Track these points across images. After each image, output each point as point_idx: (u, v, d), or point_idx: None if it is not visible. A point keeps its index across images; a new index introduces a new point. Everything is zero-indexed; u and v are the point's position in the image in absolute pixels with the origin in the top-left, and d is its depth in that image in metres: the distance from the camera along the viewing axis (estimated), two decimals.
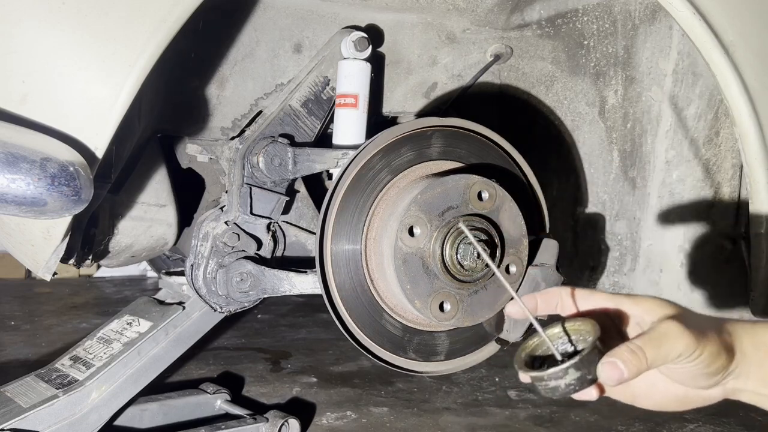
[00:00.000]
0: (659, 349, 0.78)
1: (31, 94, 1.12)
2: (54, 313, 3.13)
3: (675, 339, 0.78)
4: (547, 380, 0.80)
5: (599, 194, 1.74)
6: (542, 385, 0.80)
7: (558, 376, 0.79)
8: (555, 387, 0.79)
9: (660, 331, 0.79)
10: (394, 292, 1.42)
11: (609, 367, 0.77)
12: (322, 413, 1.90)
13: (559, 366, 0.79)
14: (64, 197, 1.07)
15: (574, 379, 0.78)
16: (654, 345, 0.78)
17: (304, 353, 2.53)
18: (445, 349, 1.52)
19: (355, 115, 1.58)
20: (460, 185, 1.38)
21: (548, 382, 0.80)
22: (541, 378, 0.80)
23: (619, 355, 0.77)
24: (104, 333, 1.63)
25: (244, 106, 1.64)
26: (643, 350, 0.77)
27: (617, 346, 0.78)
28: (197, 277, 1.51)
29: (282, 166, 1.52)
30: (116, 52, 1.14)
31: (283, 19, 1.63)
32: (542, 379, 0.80)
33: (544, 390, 0.80)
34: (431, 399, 2.05)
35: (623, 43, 1.63)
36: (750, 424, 1.89)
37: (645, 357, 0.77)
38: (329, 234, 1.41)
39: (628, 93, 1.64)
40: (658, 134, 1.58)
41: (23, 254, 1.38)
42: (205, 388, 1.80)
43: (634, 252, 1.64)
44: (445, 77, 1.83)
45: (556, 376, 0.79)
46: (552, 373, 0.79)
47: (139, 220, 1.84)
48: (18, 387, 1.53)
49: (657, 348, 0.78)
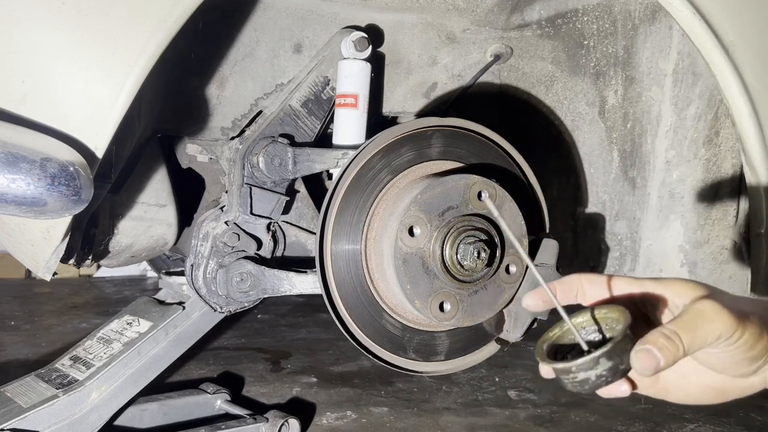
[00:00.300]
0: (696, 332, 0.71)
1: (31, 94, 1.12)
2: (54, 313, 3.13)
3: (713, 320, 0.71)
4: (576, 372, 0.72)
5: (599, 194, 1.74)
6: (569, 378, 0.72)
7: (588, 366, 0.71)
8: (585, 379, 0.71)
9: (695, 312, 0.72)
10: (394, 292, 1.42)
11: (644, 355, 0.70)
12: (322, 413, 1.90)
13: (588, 355, 0.71)
14: (64, 197, 1.07)
15: (606, 369, 0.71)
16: (690, 328, 0.71)
17: (304, 353, 2.53)
18: (445, 349, 1.52)
19: (355, 115, 1.58)
20: (460, 185, 1.38)
21: (576, 374, 0.72)
22: (569, 370, 0.72)
23: (653, 342, 0.70)
24: (104, 333, 1.63)
25: (244, 106, 1.64)
26: (679, 335, 0.71)
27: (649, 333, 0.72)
28: (197, 277, 1.51)
29: (282, 166, 1.52)
30: (116, 52, 1.14)
31: (283, 19, 1.63)
32: (569, 371, 0.72)
33: (572, 384, 0.73)
34: (431, 399, 2.05)
35: (623, 43, 1.63)
36: (750, 424, 1.89)
37: (681, 342, 0.70)
38: (329, 234, 1.41)
39: (628, 93, 1.64)
40: (658, 134, 1.58)
41: (23, 254, 1.38)
42: (205, 388, 1.80)
43: (634, 252, 1.64)
44: (445, 77, 1.83)
45: (586, 366, 0.71)
46: (581, 364, 0.71)
47: (139, 220, 1.84)
48: (18, 387, 1.53)
49: (693, 331, 0.71)
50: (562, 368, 0.73)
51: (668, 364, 0.70)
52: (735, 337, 0.71)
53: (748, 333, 0.71)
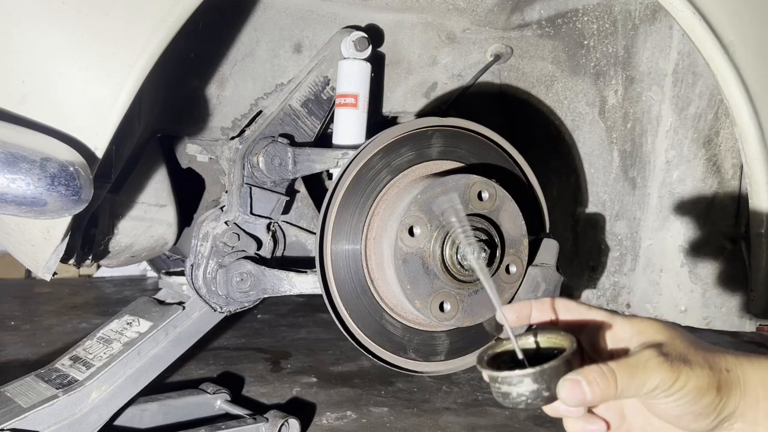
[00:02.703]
0: (633, 377, 0.69)
1: (31, 94, 1.12)
2: (54, 313, 3.13)
3: (652, 369, 0.69)
4: (500, 383, 0.72)
5: (599, 194, 1.74)
6: (495, 387, 0.72)
7: (511, 381, 0.71)
8: (506, 393, 0.71)
9: (638, 358, 0.71)
10: (394, 292, 1.42)
11: (570, 384, 0.69)
12: (322, 413, 1.90)
13: (515, 371, 0.71)
14: (64, 197, 1.07)
15: (529, 390, 0.70)
16: (628, 372, 0.69)
17: (304, 353, 2.53)
18: (445, 349, 1.52)
19: (355, 115, 1.58)
20: (460, 185, 1.38)
21: (500, 386, 0.72)
22: (495, 379, 0.72)
23: (585, 375, 0.69)
24: (104, 333, 1.63)
25: (244, 106, 1.64)
26: (616, 375, 0.69)
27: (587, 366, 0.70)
28: (197, 277, 1.51)
29: (282, 166, 1.52)
30: (116, 52, 1.14)
31: (283, 19, 1.63)
32: (495, 380, 0.72)
33: (496, 393, 0.73)
34: (431, 399, 2.05)
35: (623, 43, 1.63)
36: None
37: (615, 383, 0.69)
38: (329, 234, 1.41)
39: (628, 93, 1.64)
40: (658, 134, 1.58)
41: (23, 254, 1.38)
42: (205, 388, 1.79)
43: (634, 252, 1.64)
44: (445, 77, 1.83)
45: (509, 381, 0.71)
46: (505, 377, 0.71)
47: (139, 220, 1.84)
48: (18, 387, 1.53)
49: (631, 376, 0.69)
50: (490, 375, 0.73)
51: (595, 400, 0.69)
52: (673, 389, 0.69)
53: (690, 386, 0.69)
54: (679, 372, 0.69)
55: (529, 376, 0.70)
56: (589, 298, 1.77)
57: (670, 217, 1.59)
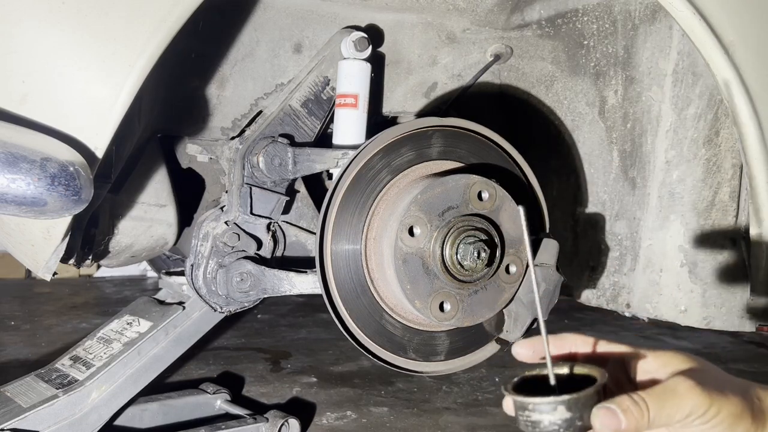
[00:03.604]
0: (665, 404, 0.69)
1: (31, 94, 1.12)
2: (54, 313, 3.13)
3: (683, 396, 0.70)
4: (531, 410, 0.70)
5: (599, 194, 1.74)
6: (524, 415, 0.70)
7: (544, 410, 0.69)
8: (536, 421, 0.69)
9: (668, 386, 0.71)
10: (394, 292, 1.42)
11: (605, 412, 0.69)
12: (322, 413, 1.90)
13: (549, 398, 0.69)
14: (64, 197, 1.07)
15: (562, 419, 0.69)
16: (660, 399, 0.70)
17: (304, 353, 2.53)
18: (445, 349, 1.52)
19: (355, 115, 1.58)
20: (460, 185, 1.38)
21: (531, 413, 0.70)
22: (525, 406, 0.70)
23: (619, 403, 0.69)
24: (104, 333, 1.63)
25: (244, 106, 1.64)
26: (647, 403, 0.69)
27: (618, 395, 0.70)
28: (197, 277, 1.51)
29: (282, 166, 1.52)
30: (116, 52, 1.14)
31: (283, 19, 1.63)
32: (525, 407, 0.70)
33: (524, 422, 0.71)
34: (431, 399, 2.05)
35: (623, 43, 1.63)
36: None
37: (647, 411, 0.69)
38: (329, 234, 1.41)
39: (628, 93, 1.64)
40: (658, 134, 1.58)
41: (23, 254, 1.38)
42: (205, 388, 1.80)
43: (634, 252, 1.64)
44: (445, 77, 1.83)
45: (542, 408, 0.69)
46: (539, 403, 0.69)
47: (139, 220, 1.84)
48: (18, 387, 1.53)
49: (663, 403, 0.69)
50: (520, 402, 0.71)
51: (629, 428, 0.69)
52: (708, 415, 0.70)
53: (725, 412, 0.70)
54: (712, 398, 0.70)
55: (563, 404, 0.69)
56: (589, 298, 1.77)
57: (670, 217, 1.59)
